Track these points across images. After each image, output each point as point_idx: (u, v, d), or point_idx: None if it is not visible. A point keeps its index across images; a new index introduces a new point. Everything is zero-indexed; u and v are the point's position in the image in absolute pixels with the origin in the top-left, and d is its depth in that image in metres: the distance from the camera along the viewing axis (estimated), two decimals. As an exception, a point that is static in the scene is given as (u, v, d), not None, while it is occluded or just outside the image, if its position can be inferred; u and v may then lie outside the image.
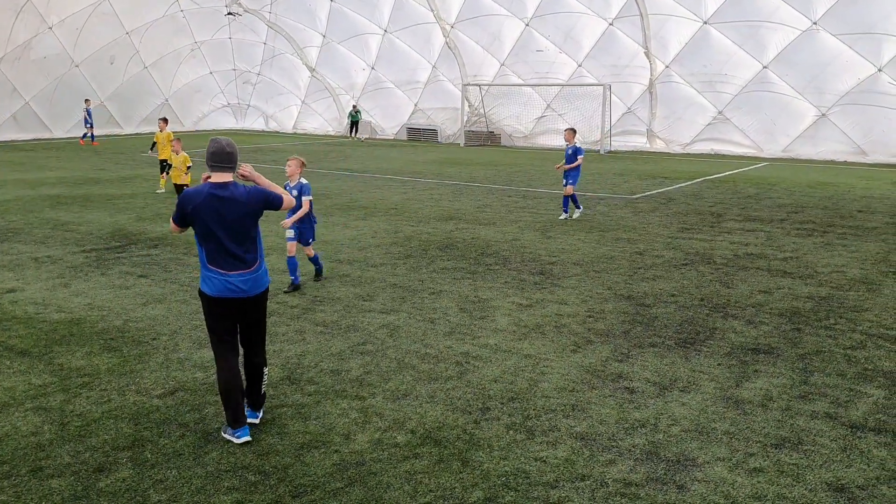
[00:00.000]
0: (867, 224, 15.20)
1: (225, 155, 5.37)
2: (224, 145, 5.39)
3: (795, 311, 9.16)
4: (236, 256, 5.43)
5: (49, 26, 35.14)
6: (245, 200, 5.40)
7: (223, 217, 5.33)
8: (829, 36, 28.37)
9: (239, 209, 5.37)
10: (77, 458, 5.34)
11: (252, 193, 5.47)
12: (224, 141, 5.42)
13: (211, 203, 5.31)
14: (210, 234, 5.36)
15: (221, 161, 5.38)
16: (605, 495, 4.94)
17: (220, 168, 5.39)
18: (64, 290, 9.76)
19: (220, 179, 5.39)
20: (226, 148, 5.39)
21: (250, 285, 5.50)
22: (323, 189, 19.74)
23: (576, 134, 16.09)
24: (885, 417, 6.15)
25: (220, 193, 5.34)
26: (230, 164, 5.41)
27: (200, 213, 5.31)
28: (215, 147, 5.38)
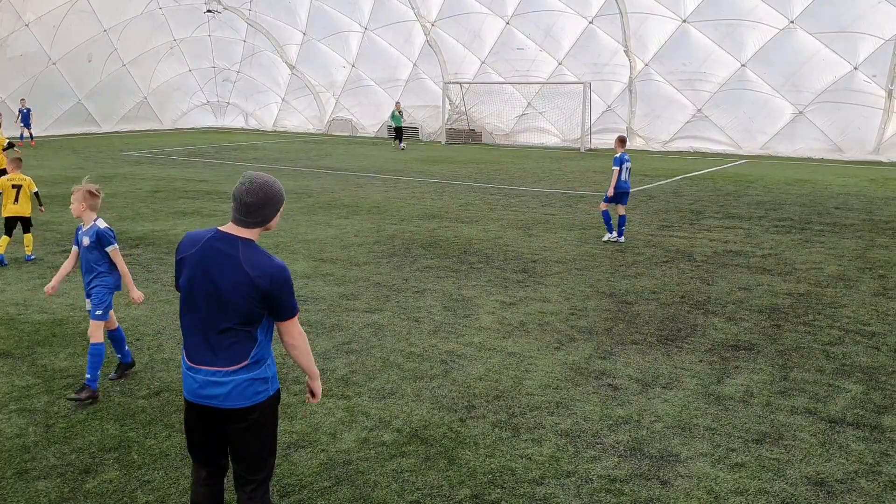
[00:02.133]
0: (844, 221, 15.41)
1: (243, 206, 3.70)
2: (245, 191, 3.68)
3: (775, 307, 9.29)
4: (209, 343, 3.71)
5: (25, 23, 34.75)
6: (254, 274, 3.62)
7: (213, 280, 3.66)
8: (806, 34, 28.68)
9: (240, 279, 3.62)
10: (63, 460, 5.34)
11: (270, 270, 3.66)
12: (249, 184, 3.70)
13: (206, 255, 3.69)
14: (190, 297, 3.74)
15: (236, 210, 3.73)
16: (591, 491, 5.00)
17: (235, 218, 3.75)
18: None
19: (232, 232, 3.73)
20: (245, 197, 3.67)
21: (224, 392, 3.71)
22: (304, 187, 19.71)
23: (625, 143, 13.60)
24: (863, 412, 6.27)
25: (222, 247, 3.69)
26: (250, 218, 3.71)
27: (188, 264, 3.73)
28: (235, 191, 3.74)
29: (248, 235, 3.72)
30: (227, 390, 3.71)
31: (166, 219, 14.98)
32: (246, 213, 3.69)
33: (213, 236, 3.71)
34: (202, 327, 3.71)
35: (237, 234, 3.72)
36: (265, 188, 3.69)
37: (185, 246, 3.79)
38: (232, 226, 3.74)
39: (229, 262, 3.64)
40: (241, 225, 3.72)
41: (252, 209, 3.68)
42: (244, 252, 3.66)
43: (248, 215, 3.69)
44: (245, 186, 3.68)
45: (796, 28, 28.77)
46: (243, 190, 3.67)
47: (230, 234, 3.71)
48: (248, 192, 3.66)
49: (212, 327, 3.69)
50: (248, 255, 3.65)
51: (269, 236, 13.29)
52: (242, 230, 3.72)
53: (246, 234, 3.72)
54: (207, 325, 3.69)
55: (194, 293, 3.70)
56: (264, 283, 3.62)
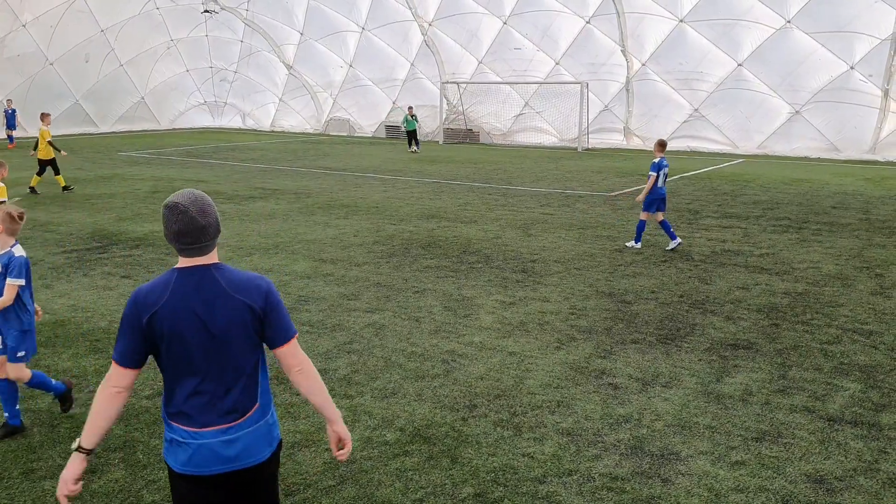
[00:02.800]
0: (841, 220, 15.48)
1: (195, 231, 3.15)
2: (195, 214, 3.15)
3: (773, 306, 9.35)
4: (213, 399, 3.18)
5: (22, 24, 34.72)
6: (244, 297, 3.17)
7: (204, 323, 3.11)
8: (802, 34, 28.77)
9: (233, 309, 3.15)
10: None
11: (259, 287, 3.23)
12: (192, 206, 3.15)
13: (185, 297, 3.11)
14: (181, 357, 3.13)
15: (192, 241, 3.15)
16: (592, 489, 5.06)
17: (191, 250, 3.18)
18: (46, 292, 9.73)
19: (195, 263, 3.19)
20: (198, 219, 3.14)
21: (240, 449, 3.21)
22: (303, 187, 19.75)
23: (664, 147, 13.15)
24: (861, 410, 6.33)
25: (199, 282, 3.15)
26: (207, 240, 3.19)
27: (165, 319, 3.08)
28: (179, 223, 3.13)
29: (213, 260, 3.22)
30: (242, 446, 3.20)
31: (166, 219, 14.98)
32: (203, 237, 3.15)
33: (180, 276, 3.14)
34: (203, 385, 3.15)
35: (205, 264, 3.19)
36: (205, 201, 3.19)
37: (147, 301, 3.10)
38: (190, 260, 3.18)
39: (214, 294, 3.13)
40: (201, 253, 3.18)
41: (208, 229, 3.16)
42: (223, 277, 3.17)
43: (207, 237, 3.17)
44: (190, 210, 3.12)
45: (793, 28, 28.86)
46: (191, 214, 3.12)
47: (197, 266, 3.17)
48: (200, 213, 3.14)
49: (214, 380, 3.16)
50: (228, 278, 3.18)
51: (268, 236, 13.34)
52: (205, 258, 3.20)
53: (211, 260, 3.22)
54: (209, 380, 3.15)
55: (187, 349, 3.10)
56: (259, 304, 3.17)
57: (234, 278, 3.19)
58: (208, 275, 3.16)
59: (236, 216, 15.39)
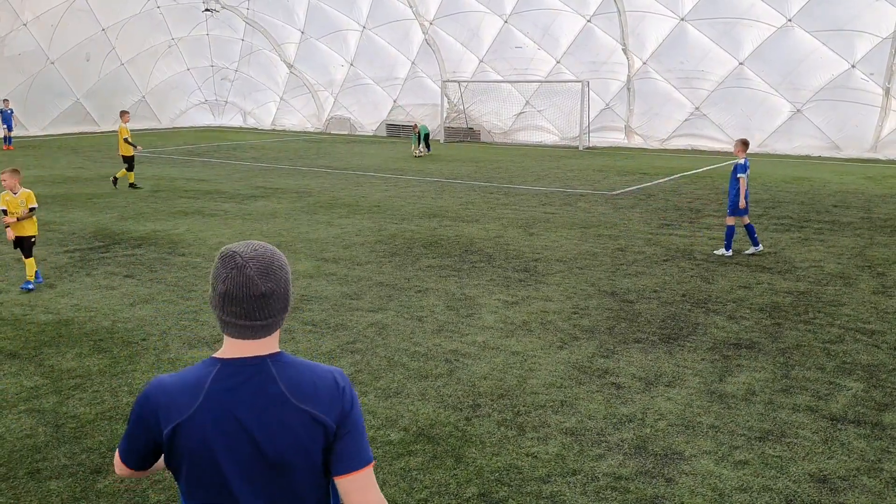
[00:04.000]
0: (842, 219, 15.49)
1: (251, 299, 2.15)
2: (248, 275, 2.14)
3: (775, 305, 9.36)
4: None
5: (23, 23, 34.72)
6: (313, 407, 2.16)
7: (256, 444, 2.15)
8: (803, 33, 28.75)
9: (296, 426, 2.15)
10: (74, 460, 5.39)
11: (331, 388, 2.20)
12: (247, 259, 2.15)
13: (226, 407, 2.14)
14: (210, 486, 2.18)
15: (244, 314, 2.15)
16: (597, 489, 5.07)
17: (241, 329, 2.17)
18: (50, 291, 9.75)
19: (245, 352, 2.19)
20: (259, 283, 2.14)
21: None
22: (304, 186, 19.75)
23: (747, 146, 12.42)
24: (864, 410, 6.34)
25: (248, 385, 2.16)
26: (270, 318, 2.19)
27: (194, 434, 2.13)
28: (229, 282, 2.14)
29: (272, 349, 2.20)
30: None
31: (168, 218, 15.02)
32: (261, 311, 2.13)
33: (222, 371, 2.15)
34: None
35: (259, 354, 2.17)
36: (274, 260, 2.17)
37: (170, 407, 2.13)
38: (239, 344, 2.17)
39: (270, 402, 2.13)
40: (256, 335, 2.16)
41: (271, 301, 2.14)
42: (284, 377, 2.15)
43: (266, 312, 2.14)
44: (248, 267, 2.11)
45: (794, 26, 28.84)
46: (248, 273, 2.11)
47: (249, 360, 2.16)
48: (262, 274, 2.12)
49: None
50: (291, 378, 2.16)
51: (271, 235, 13.34)
52: (261, 343, 2.18)
53: (270, 349, 2.19)
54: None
55: (224, 476, 2.14)
56: (333, 417, 2.15)
57: (300, 378, 2.17)
58: (264, 372, 2.15)
59: (238, 215, 15.40)
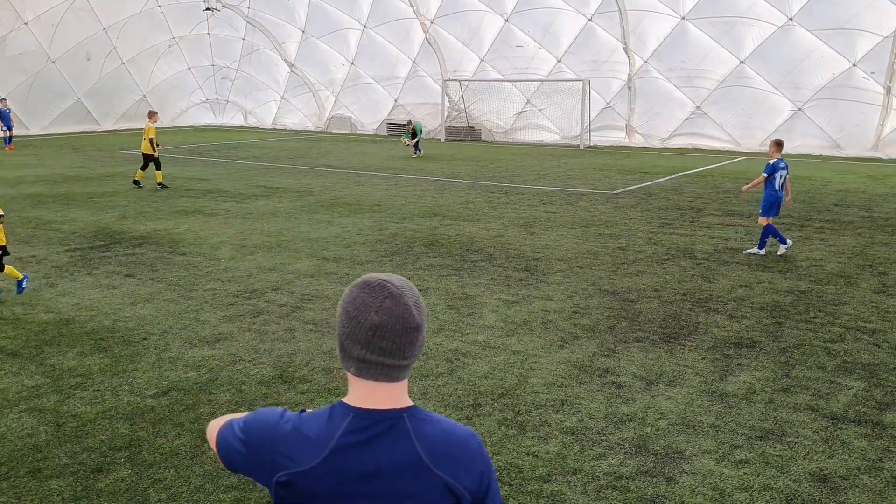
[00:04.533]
0: (843, 218, 15.48)
1: (406, 332, 1.89)
2: (405, 304, 1.89)
3: (776, 305, 9.36)
4: None
5: (24, 22, 34.72)
6: (450, 474, 1.89)
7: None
8: (804, 31, 28.72)
9: (426, 495, 1.89)
10: (75, 459, 5.40)
11: (458, 450, 1.92)
12: (402, 288, 1.91)
13: (353, 469, 1.88)
14: None
15: (394, 351, 1.88)
16: (597, 488, 5.07)
17: (384, 369, 1.90)
18: (51, 291, 9.76)
19: (381, 401, 1.91)
20: (413, 314, 1.90)
21: None
22: (305, 186, 19.76)
23: (781, 147, 12.28)
24: (865, 409, 6.34)
25: (382, 441, 1.89)
26: (410, 358, 1.92)
27: (313, 492, 1.88)
28: (384, 313, 1.87)
29: (406, 400, 1.92)
30: None
31: (169, 217, 15.02)
32: (411, 349, 1.88)
33: (352, 427, 1.88)
34: None
35: (395, 407, 1.89)
36: (416, 293, 1.93)
37: (294, 452, 1.90)
38: (375, 389, 1.88)
39: (404, 466, 1.87)
40: (398, 376, 1.89)
41: (420, 337, 1.91)
42: (420, 436, 1.89)
43: (413, 351, 1.89)
44: (404, 296, 1.87)
45: (795, 25, 28.81)
46: (405, 302, 1.86)
47: (385, 413, 1.88)
48: (417, 307, 1.89)
49: None
50: (428, 438, 1.89)
51: (272, 235, 13.35)
52: (397, 390, 1.91)
53: (404, 399, 1.92)
54: None
55: None
56: (469, 486, 1.91)
57: (437, 439, 1.90)
58: (399, 427, 1.88)
59: (239, 215, 15.41)
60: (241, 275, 10.62)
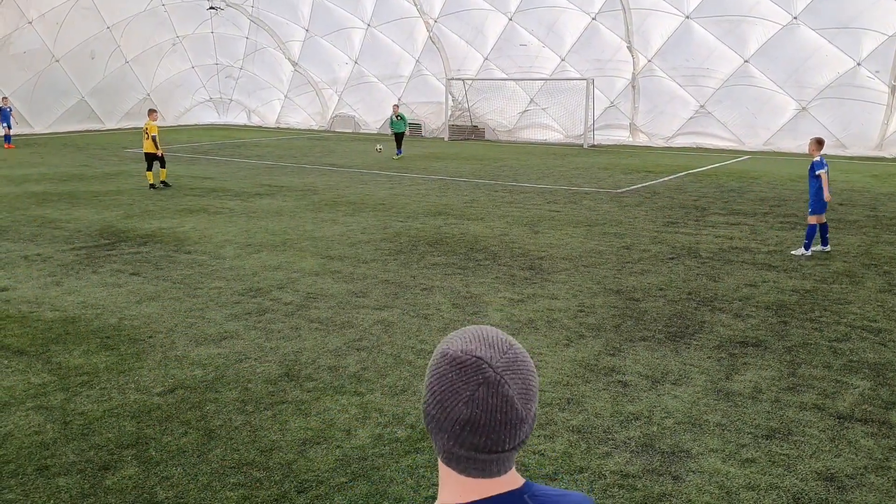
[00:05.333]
0: (848, 217, 15.45)
1: (507, 426, 1.43)
2: (506, 394, 1.41)
3: (781, 304, 9.35)
4: None
5: (29, 21, 34.78)
6: None
7: None
8: (808, 30, 28.67)
9: None
10: (82, 457, 5.41)
11: None
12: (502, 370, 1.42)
13: None
14: None
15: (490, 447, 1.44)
16: (604, 487, 5.07)
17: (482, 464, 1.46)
18: (56, 289, 9.77)
19: (487, 491, 1.47)
20: (515, 404, 1.43)
21: None
22: (309, 184, 19.77)
23: (822, 145, 12.68)
24: (871, 408, 6.33)
25: None
26: (514, 443, 1.44)
27: None
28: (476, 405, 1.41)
29: (518, 479, 1.52)
30: None
31: (173, 216, 15.04)
32: (514, 440, 1.46)
33: None
34: None
35: (510, 490, 1.49)
36: (532, 369, 1.51)
37: None
38: (477, 485, 1.48)
39: None
40: (491, 471, 1.48)
41: (528, 426, 1.48)
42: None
43: (518, 440, 1.47)
44: (509, 385, 1.43)
45: (799, 24, 28.76)
46: (509, 395, 1.43)
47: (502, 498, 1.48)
48: (524, 395, 1.45)
49: None
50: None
51: (276, 233, 13.36)
52: (494, 484, 1.48)
53: (516, 479, 1.51)
54: None
55: None
56: None
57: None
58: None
59: (243, 213, 15.42)
60: (247, 273, 10.64)
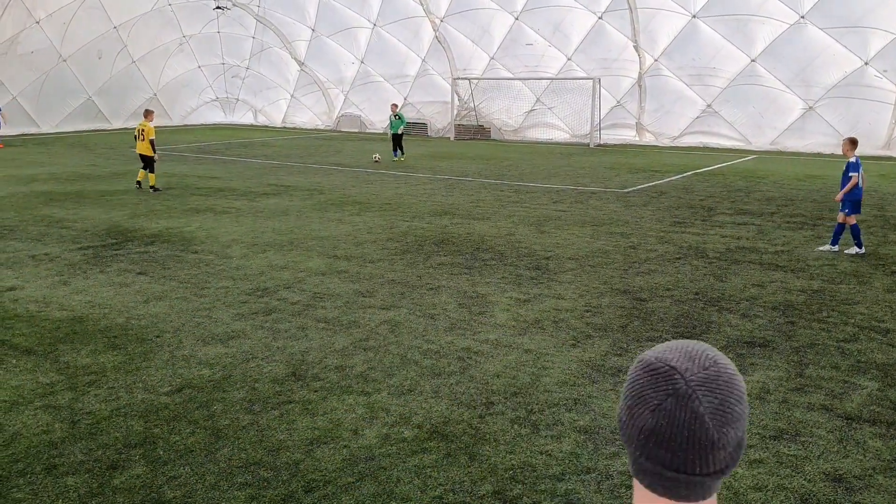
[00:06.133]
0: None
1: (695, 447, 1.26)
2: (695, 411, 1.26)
3: (789, 304, 9.32)
4: None
5: (36, 21, 34.90)
6: None
7: None
8: (816, 30, 28.58)
9: None
10: (90, 456, 5.42)
11: None
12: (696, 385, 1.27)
13: None
14: None
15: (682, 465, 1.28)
16: (611, 487, 5.06)
17: (671, 486, 1.31)
18: (64, 288, 9.80)
19: None
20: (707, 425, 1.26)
21: None
22: (315, 184, 19.79)
23: (856, 145, 12.64)
24: (879, 409, 6.31)
25: None
26: (708, 468, 1.28)
27: None
28: (662, 415, 1.27)
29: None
30: None
31: (180, 216, 15.08)
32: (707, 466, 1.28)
33: None
34: None
35: None
36: (737, 388, 1.31)
37: None
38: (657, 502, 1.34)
39: None
40: (679, 494, 1.31)
41: (725, 453, 1.29)
42: None
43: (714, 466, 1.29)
44: (700, 401, 1.27)
45: (806, 23, 28.67)
46: (699, 411, 1.27)
47: None
48: (717, 415, 1.27)
49: None
50: None
51: (283, 233, 13.38)
52: (701, 499, 1.32)
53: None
54: None
55: None
56: None
57: None
58: None
59: (250, 213, 15.45)
60: (253, 273, 10.65)
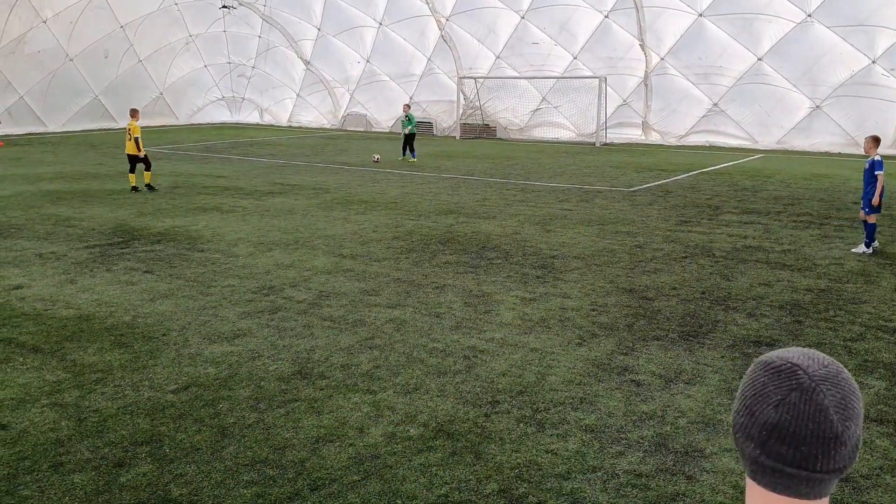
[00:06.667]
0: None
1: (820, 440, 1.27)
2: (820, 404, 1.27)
3: (795, 303, 9.29)
4: None
5: (43, 20, 35.02)
6: None
7: None
8: (823, 28, 28.50)
9: None
10: (97, 454, 5.44)
11: None
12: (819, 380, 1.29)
13: None
14: None
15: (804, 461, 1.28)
16: (617, 486, 5.06)
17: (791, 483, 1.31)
18: (70, 287, 9.83)
19: None
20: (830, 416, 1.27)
21: None
22: (321, 183, 19.80)
23: (879, 143, 12.24)
24: (887, 408, 6.28)
25: None
26: (835, 470, 1.29)
27: None
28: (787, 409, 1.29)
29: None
30: None
31: (186, 214, 15.10)
32: (830, 461, 1.28)
33: None
34: None
35: None
36: (854, 386, 1.33)
37: None
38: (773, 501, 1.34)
39: None
40: (799, 492, 1.31)
41: (837, 449, 1.28)
42: None
43: (835, 463, 1.29)
44: (825, 395, 1.28)
45: (813, 22, 28.59)
46: (823, 404, 1.28)
47: None
48: (841, 408, 1.29)
49: None
50: None
51: (289, 231, 13.39)
52: (821, 496, 1.32)
53: None
54: None
55: None
56: None
57: None
58: None
59: (256, 212, 15.47)
60: (259, 271, 10.67)
